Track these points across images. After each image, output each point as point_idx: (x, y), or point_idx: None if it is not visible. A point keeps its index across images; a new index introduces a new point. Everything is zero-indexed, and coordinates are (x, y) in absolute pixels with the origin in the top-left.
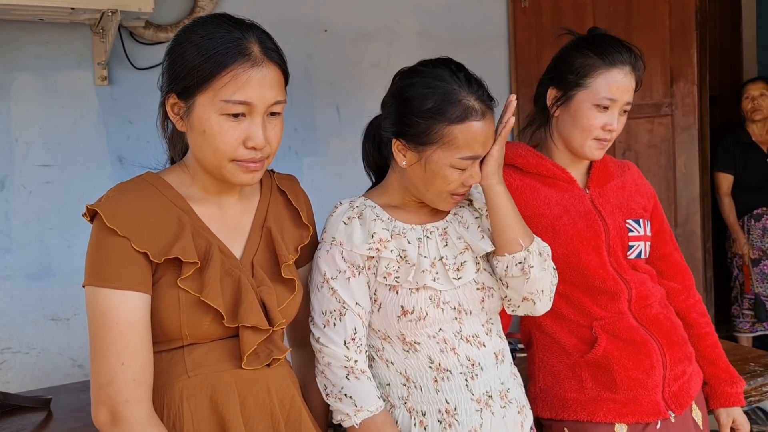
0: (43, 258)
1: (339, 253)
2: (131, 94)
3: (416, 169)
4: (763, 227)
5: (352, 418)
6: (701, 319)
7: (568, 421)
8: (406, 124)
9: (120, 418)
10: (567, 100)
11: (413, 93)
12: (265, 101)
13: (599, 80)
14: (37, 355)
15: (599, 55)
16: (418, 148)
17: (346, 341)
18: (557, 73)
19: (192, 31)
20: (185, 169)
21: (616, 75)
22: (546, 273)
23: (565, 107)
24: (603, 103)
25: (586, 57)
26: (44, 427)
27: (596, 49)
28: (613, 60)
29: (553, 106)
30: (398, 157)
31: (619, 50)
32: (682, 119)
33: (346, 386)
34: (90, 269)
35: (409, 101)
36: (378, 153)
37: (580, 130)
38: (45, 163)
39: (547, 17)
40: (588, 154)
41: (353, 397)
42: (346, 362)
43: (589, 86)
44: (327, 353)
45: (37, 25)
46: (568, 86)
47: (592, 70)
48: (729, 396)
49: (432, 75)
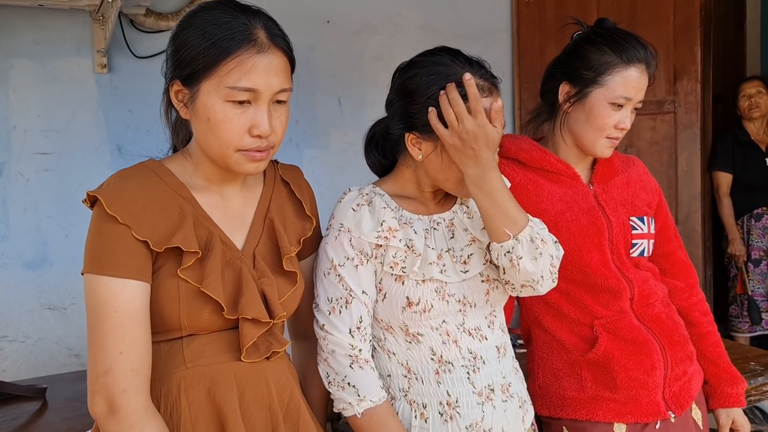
0: (41, 246)
1: (348, 240)
2: (131, 83)
3: (433, 159)
4: (763, 227)
5: (354, 407)
6: (704, 318)
7: (567, 419)
8: (416, 115)
9: (117, 408)
10: (582, 97)
11: (417, 83)
12: (271, 88)
13: (616, 78)
14: (34, 344)
15: (616, 52)
16: (432, 136)
17: (351, 329)
18: (571, 69)
19: (197, 17)
20: (188, 158)
21: (633, 73)
22: (539, 261)
23: (580, 104)
24: (618, 102)
25: (602, 53)
26: (39, 417)
27: (613, 45)
28: (630, 57)
29: (566, 103)
30: (413, 151)
31: (636, 47)
32: (684, 117)
33: (350, 375)
34: (89, 256)
35: (414, 92)
36: (383, 156)
37: (594, 128)
38: (43, 151)
39: (550, 12)
40: (599, 153)
41: (356, 386)
42: (351, 351)
43: (605, 84)
44: (331, 341)
45: (36, 11)
46: (584, 83)
47: (609, 68)
48: (729, 396)
49: (432, 62)
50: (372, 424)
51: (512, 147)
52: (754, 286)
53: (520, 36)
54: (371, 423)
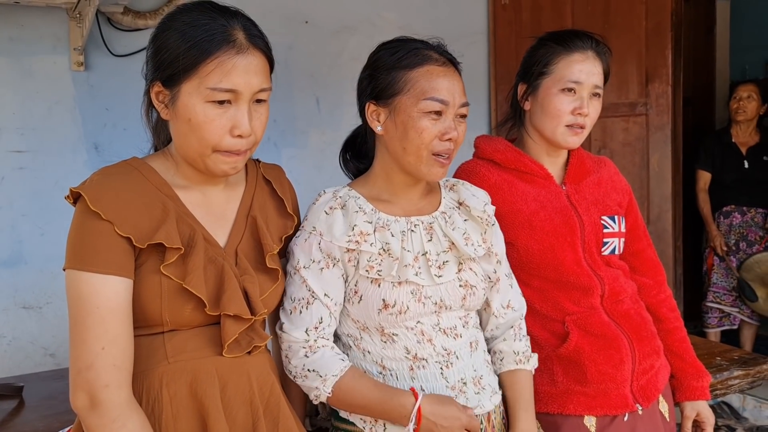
0: (15, 245)
1: (317, 243)
2: (108, 81)
3: (390, 129)
4: (730, 224)
5: (321, 389)
6: (671, 314)
7: (540, 413)
8: (374, 84)
9: (98, 403)
10: (534, 90)
11: (379, 56)
12: (250, 88)
13: (560, 65)
14: (8, 343)
15: (559, 42)
16: (387, 102)
17: (308, 329)
18: (523, 69)
19: (176, 18)
20: (169, 157)
21: (577, 57)
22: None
23: (534, 98)
24: (568, 86)
25: (547, 48)
26: (17, 415)
27: (557, 39)
28: (572, 45)
29: (522, 99)
30: (373, 123)
31: (579, 37)
32: (656, 119)
33: (307, 363)
34: (71, 252)
35: (375, 63)
36: (358, 159)
37: (549, 117)
38: (18, 149)
39: (526, 14)
40: (562, 142)
41: (316, 369)
42: (305, 344)
43: (551, 72)
44: (286, 339)
45: (12, 7)
46: (534, 77)
47: (553, 57)
48: (695, 389)
49: (397, 40)
50: (345, 396)
51: (488, 148)
52: (718, 279)
53: (496, 38)
54: (343, 395)
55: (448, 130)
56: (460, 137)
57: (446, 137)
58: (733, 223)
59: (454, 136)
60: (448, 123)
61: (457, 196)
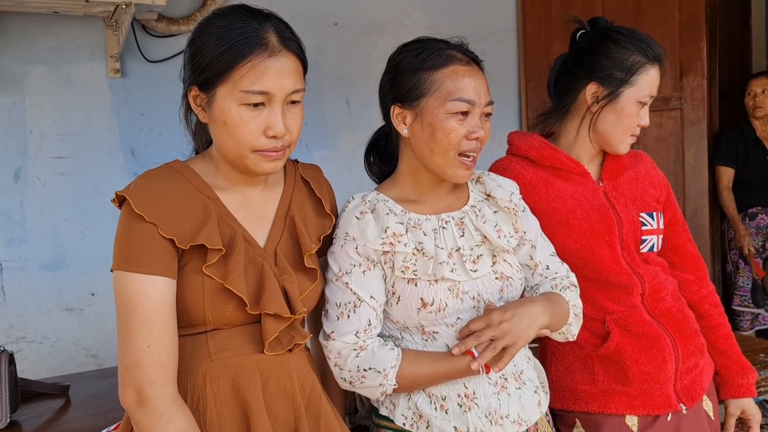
0: (57, 249)
1: (353, 248)
2: (143, 87)
3: (417, 131)
4: (757, 226)
5: (386, 384)
6: (714, 309)
7: (580, 412)
8: (399, 87)
9: (146, 399)
10: (615, 97)
11: (402, 58)
12: (283, 90)
13: (644, 77)
14: (52, 344)
15: (642, 51)
16: (413, 104)
17: (357, 332)
18: (599, 69)
19: (211, 23)
20: (209, 160)
21: (657, 71)
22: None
23: (611, 105)
24: (645, 100)
25: (630, 53)
26: (63, 413)
27: (638, 44)
28: (655, 56)
29: (595, 104)
30: (399, 126)
31: (656, 46)
32: (691, 113)
33: (360, 363)
34: (118, 254)
35: (398, 66)
36: (383, 161)
37: (624, 127)
38: (59, 155)
39: (556, 10)
40: (622, 150)
41: (372, 366)
42: (355, 346)
43: (636, 84)
44: (334, 346)
45: (50, 17)
46: (617, 83)
47: (640, 68)
48: (740, 387)
49: (418, 41)
50: (409, 381)
51: (522, 145)
52: (744, 282)
53: (525, 35)
54: (407, 381)
55: (475, 129)
56: (486, 136)
57: (473, 137)
58: (760, 225)
59: (480, 135)
60: (475, 122)
61: (484, 188)
